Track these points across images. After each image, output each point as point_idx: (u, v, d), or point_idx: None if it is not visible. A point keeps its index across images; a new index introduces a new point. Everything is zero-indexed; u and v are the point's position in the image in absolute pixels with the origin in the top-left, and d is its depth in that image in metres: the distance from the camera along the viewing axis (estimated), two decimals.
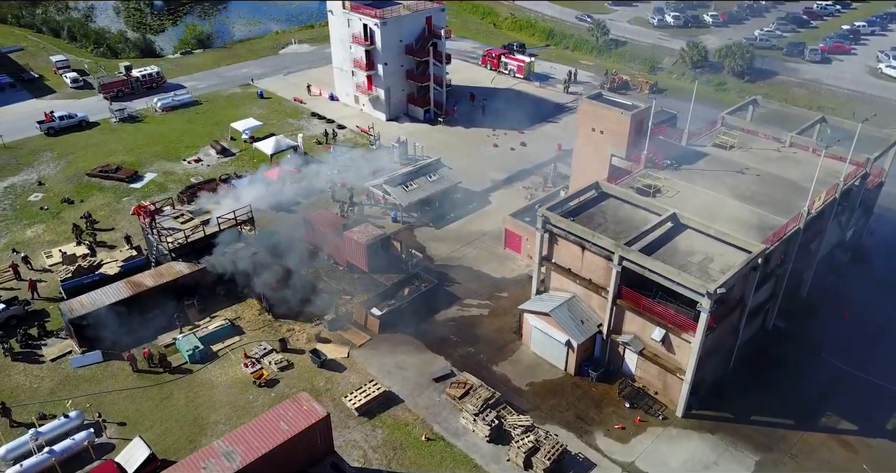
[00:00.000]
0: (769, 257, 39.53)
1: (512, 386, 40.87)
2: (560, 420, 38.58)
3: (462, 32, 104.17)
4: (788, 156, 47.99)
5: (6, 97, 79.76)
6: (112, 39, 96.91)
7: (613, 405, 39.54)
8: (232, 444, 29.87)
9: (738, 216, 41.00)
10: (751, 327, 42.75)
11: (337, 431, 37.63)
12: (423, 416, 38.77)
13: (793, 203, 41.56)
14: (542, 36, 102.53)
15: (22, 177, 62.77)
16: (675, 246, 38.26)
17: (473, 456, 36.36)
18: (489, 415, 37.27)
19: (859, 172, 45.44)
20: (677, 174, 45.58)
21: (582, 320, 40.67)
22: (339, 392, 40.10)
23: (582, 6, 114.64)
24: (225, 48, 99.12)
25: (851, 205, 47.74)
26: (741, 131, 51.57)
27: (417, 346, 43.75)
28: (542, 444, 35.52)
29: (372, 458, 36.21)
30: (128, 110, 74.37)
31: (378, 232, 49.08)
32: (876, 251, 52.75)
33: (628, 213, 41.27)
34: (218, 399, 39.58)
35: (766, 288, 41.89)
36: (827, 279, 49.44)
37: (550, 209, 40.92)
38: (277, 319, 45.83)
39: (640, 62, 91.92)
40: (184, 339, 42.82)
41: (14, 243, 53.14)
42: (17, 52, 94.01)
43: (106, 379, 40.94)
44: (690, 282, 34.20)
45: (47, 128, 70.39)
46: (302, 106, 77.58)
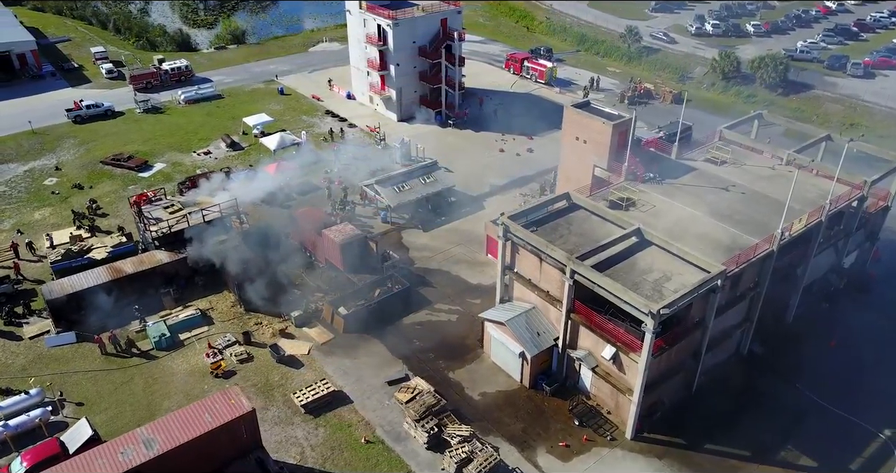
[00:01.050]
0: (737, 279, 37.91)
1: (464, 395, 40.38)
2: (505, 432, 37.89)
3: (493, 35, 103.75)
4: (783, 175, 45.80)
5: (46, 85, 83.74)
6: (152, 33, 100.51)
7: (563, 421, 38.58)
8: (154, 432, 30.54)
9: (710, 234, 39.42)
10: (720, 351, 41.04)
11: (279, 427, 38.19)
12: (369, 418, 38.74)
13: (772, 224, 39.62)
14: (574, 41, 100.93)
15: (42, 161, 65.82)
16: (633, 263, 37.05)
17: (409, 462, 36.11)
18: (430, 422, 36.93)
19: (854, 194, 42.95)
20: (658, 188, 44.18)
21: (538, 332, 39.84)
22: (292, 388, 40.49)
23: (621, 11, 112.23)
24: (258, 44, 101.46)
25: (847, 230, 45.21)
26: (740, 146, 49.60)
27: (379, 348, 43.74)
28: (476, 456, 34.98)
29: (308, 456, 36.41)
30: (151, 101, 77.04)
31: (355, 231, 49.31)
32: (880, 280, 49.71)
33: (594, 226, 40.21)
34: (174, 386, 40.55)
35: (737, 311, 40.10)
36: (819, 306, 46.95)
37: (513, 217, 40.26)
38: (248, 312, 46.62)
39: (669, 71, 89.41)
40: (154, 326, 44.07)
41: (21, 224, 55.79)
42: (65, 42, 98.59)
43: (75, 360, 42.50)
44: (635, 301, 33.05)
45: (74, 116, 73.58)
46: (318, 103, 78.73)
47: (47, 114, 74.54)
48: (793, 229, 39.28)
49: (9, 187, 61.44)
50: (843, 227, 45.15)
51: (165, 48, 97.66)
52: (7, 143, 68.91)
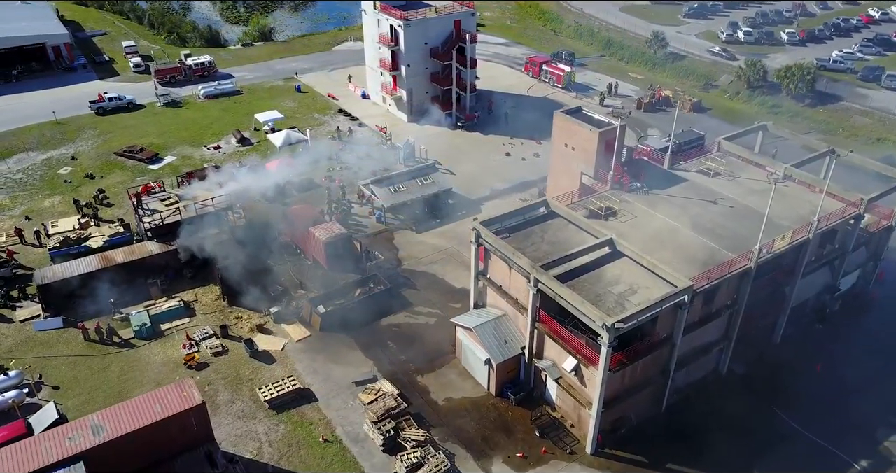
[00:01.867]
0: (711, 296, 36.75)
1: (428, 399, 40.15)
2: (464, 439, 37.52)
3: (519, 38, 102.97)
4: (777, 189, 44.03)
5: (77, 77, 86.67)
6: (183, 29, 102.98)
7: (525, 431, 38.00)
8: (103, 419, 31.26)
9: (687, 248, 38.30)
10: (695, 368, 39.84)
11: (242, 421, 38.66)
12: (331, 418, 38.87)
13: (756, 239, 38.20)
14: (600, 45, 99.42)
15: (61, 150, 68.12)
16: (601, 274, 36.24)
17: (364, 464, 36.11)
18: (387, 425, 36.83)
19: (849, 212, 41.12)
20: (642, 198, 43.15)
21: (506, 339, 39.35)
22: (261, 382, 40.91)
23: (652, 16, 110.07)
24: (285, 42, 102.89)
25: (843, 249, 43.32)
26: (738, 158, 48.09)
27: (352, 348, 43.85)
28: (428, 461, 34.73)
29: (265, 452, 36.74)
30: (171, 95, 78.93)
31: (341, 230, 49.56)
32: (882, 303, 47.54)
33: (569, 235, 39.49)
34: (147, 375, 41.44)
35: (713, 328, 38.85)
36: (811, 328, 45.15)
37: (487, 222, 39.86)
38: (231, 305, 47.34)
39: (694, 78, 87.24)
40: (136, 315, 45.12)
41: (30, 211, 57.85)
42: (101, 36, 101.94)
43: (58, 345, 43.82)
44: (591, 313, 32.32)
45: (97, 107, 75.93)
46: (333, 102, 79.44)
47: (73, 105, 77.03)
48: (775, 246, 37.82)
49: (25, 174, 63.79)
50: (839, 246, 43.28)
51: (194, 44, 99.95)
52: (31, 132, 71.52)
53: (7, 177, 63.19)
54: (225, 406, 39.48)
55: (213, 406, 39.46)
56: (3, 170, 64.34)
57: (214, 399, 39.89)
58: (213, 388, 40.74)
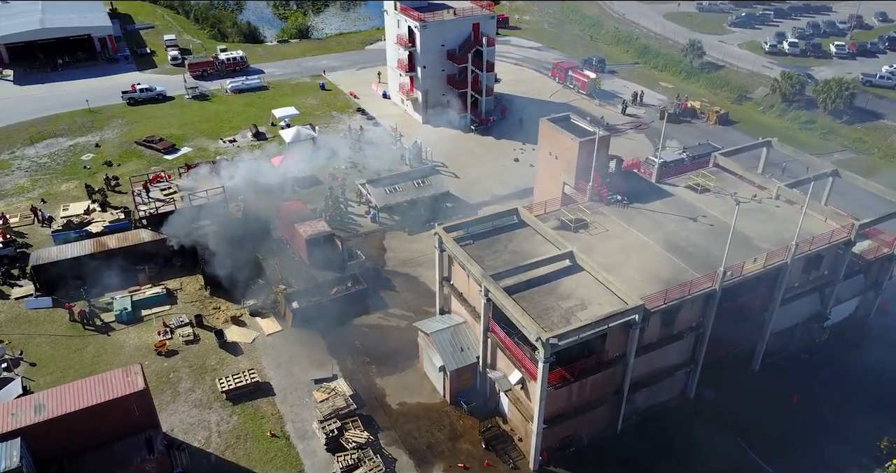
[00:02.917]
0: (672, 316, 35.37)
1: (383, 402, 40.05)
2: (409, 445, 37.25)
3: (553, 43, 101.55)
4: (766, 209, 42.17)
5: (117, 68, 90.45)
6: (225, 24, 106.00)
7: (472, 442, 37.44)
8: (47, 398, 32.44)
9: (653, 266, 36.93)
10: (658, 391, 38.42)
11: (197, 410, 39.46)
12: (284, 413, 39.25)
13: (729, 260, 36.54)
14: (636, 53, 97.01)
15: (87, 137, 71.16)
16: (555, 287, 35.33)
17: (306, 461, 36.31)
18: (331, 424, 36.91)
19: (838, 237, 38.80)
20: (619, 211, 41.87)
21: (462, 347, 38.85)
22: (224, 373, 41.66)
23: (698, 25, 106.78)
24: (320, 40, 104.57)
25: (833, 276, 40.92)
26: (732, 175, 46.12)
27: (319, 346, 44.14)
28: (363, 464, 34.64)
29: (212, 442, 37.40)
30: (200, 89, 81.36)
31: (324, 228, 49.95)
32: (879, 336, 44.65)
33: (534, 245, 38.65)
34: (118, 359, 42.76)
35: (676, 350, 37.35)
36: (797, 357, 42.83)
37: (452, 228, 39.46)
38: (213, 296, 48.39)
39: (728, 89, 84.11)
40: (120, 300, 46.66)
41: (47, 194, 60.63)
42: (149, 29, 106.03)
43: (45, 323, 45.76)
44: (529, 327, 31.55)
45: (129, 98, 79.01)
46: (353, 100, 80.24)
47: (108, 94, 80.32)
48: (745, 269, 36.03)
49: (50, 159, 66.91)
50: (829, 273, 40.91)
51: (233, 39, 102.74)
52: (64, 119, 74.99)
53: (33, 161, 66.43)
54: (184, 394, 40.40)
55: (174, 393, 40.54)
56: (31, 154, 67.68)
57: (176, 387, 40.90)
58: (178, 376, 41.75)
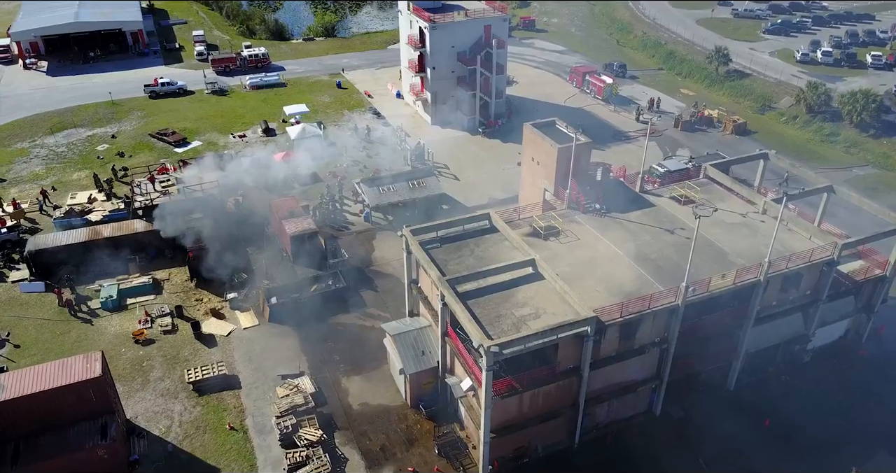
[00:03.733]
0: (631, 330, 34.48)
1: (345, 401, 40.14)
2: (363, 446, 37.25)
3: (578, 47, 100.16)
4: (750, 224, 40.72)
5: (145, 61, 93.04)
6: (253, 21, 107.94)
7: (426, 447, 37.21)
8: (7, 379, 33.53)
9: (617, 277, 36.07)
10: (621, 406, 37.51)
11: (163, 399, 40.25)
12: (246, 406, 39.72)
13: (699, 275, 35.47)
14: (661, 59, 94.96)
15: (105, 128, 73.38)
16: (513, 294, 34.80)
17: (259, 456, 36.66)
18: (287, 421, 37.16)
19: (819, 256, 37.18)
20: (595, 220, 41.04)
21: (424, 351, 38.62)
22: (196, 364, 42.38)
23: (731, 32, 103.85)
24: (345, 39, 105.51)
25: (816, 296, 39.24)
26: (721, 187, 44.71)
27: (292, 342, 44.52)
28: (311, 462, 34.77)
29: (172, 431, 38.08)
30: (219, 84, 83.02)
31: (309, 225, 50.28)
32: (870, 362, 42.62)
33: (501, 251, 38.17)
34: (97, 345, 43.78)
35: (639, 365, 36.34)
36: (776, 378, 41.22)
37: (420, 231, 39.27)
38: (197, 288, 49.30)
39: (751, 99, 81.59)
40: (107, 288, 47.95)
41: (59, 183, 62.75)
42: (182, 25, 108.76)
43: (35, 307, 47.35)
44: (473, 333, 31.16)
45: (150, 91, 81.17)
46: (366, 100, 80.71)
47: (133, 87, 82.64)
48: (712, 285, 34.85)
49: (67, 148, 69.23)
50: (811, 293, 39.23)
51: (260, 36, 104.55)
52: (87, 110, 77.49)
53: (51, 150, 68.83)
54: (154, 383, 41.26)
55: (144, 381, 41.45)
56: (50, 143, 70.16)
57: (147, 375, 41.81)
58: (150, 364, 42.66)
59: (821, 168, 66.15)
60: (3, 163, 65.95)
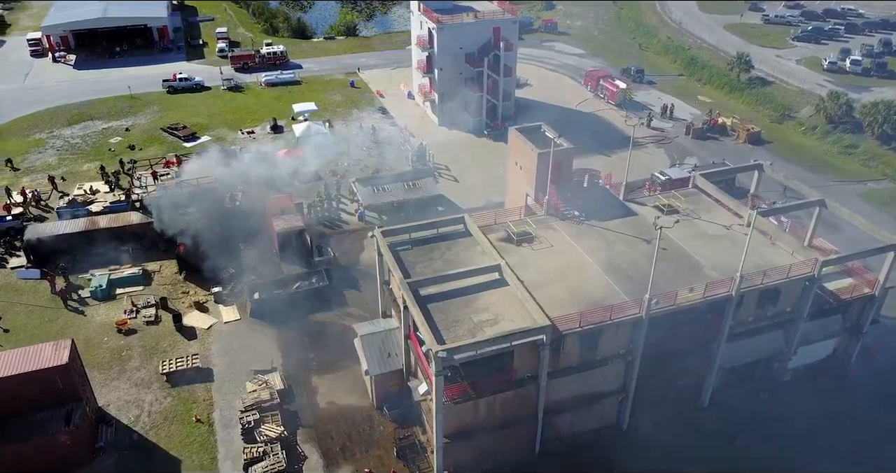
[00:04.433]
0: (593, 341, 33.85)
1: (312, 400, 40.31)
2: (324, 445, 37.37)
3: (599, 50, 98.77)
4: (732, 237, 39.56)
5: (168, 57, 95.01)
6: (277, 20, 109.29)
7: (385, 449, 37.12)
8: None
9: (584, 286, 35.46)
10: (587, 417, 36.85)
11: (136, 388, 41.03)
12: (216, 400, 40.20)
13: (668, 287, 34.65)
14: (682, 64, 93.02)
15: (121, 121, 75.20)
16: (475, 299, 34.49)
17: (221, 449, 37.08)
18: (250, 416, 37.49)
19: (798, 272, 35.90)
20: (572, 227, 40.41)
21: (390, 353, 38.54)
22: (172, 356, 43.06)
23: (759, 38, 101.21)
24: (366, 38, 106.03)
25: (797, 313, 37.90)
26: (710, 197, 43.56)
27: (270, 338, 44.88)
28: (267, 457, 35.01)
29: (141, 420, 38.77)
30: (235, 80, 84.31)
31: (297, 223, 50.66)
32: (856, 383, 40.96)
33: (472, 255, 37.89)
34: (81, 332, 44.94)
35: (602, 377, 35.60)
36: (754, 396, 39.96)
37: (392, 232, 39.21)
38: (186, 280, 50.12)
39: (770, 107, 79.33)
40: (98, 277, 49.10)
41: (70, 173, 64.49)
42: (209, 21, 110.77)
43: (28, 293, 48.74)
44: (425, 337, 30.95)
45: (168, 86, 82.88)
46: (377, 99, 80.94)
47: (151, 81, 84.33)
48: (679, 298, 33.95)
49: (82, 140, 71.13)
50: (791, 310, 37.89)
51: (283, 34, 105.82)
52: (106, 103, 79.50)
53: (66, 141, 70.82)
54: (130, 372, 42.07)
55: (121, 370, 42.30)
56: (66, 135, 72.19)
57: (125, 365, 42.66)
58: (129, 354, 43.51)
59: (834, 181, 64.19)
60: (19, 153, 68.09)
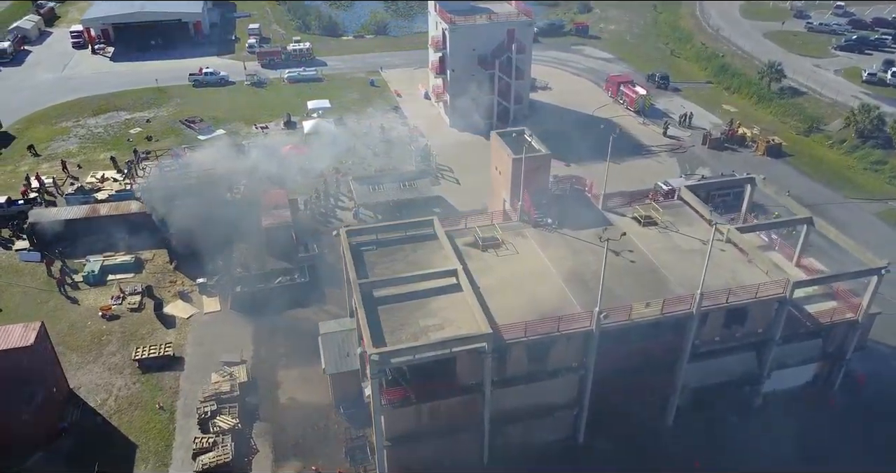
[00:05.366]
0: (544, 352, 33.17)
1: (274, 394, 40.66)
2: (277, 439, 37.67)
3: (628, 55, 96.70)
4: (706, 252, 37.94)
5: (200, 51, 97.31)
6: (310, 17, 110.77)
7: (336, 448, 37.10)
8: None
9: (539, 296, 34.80)
10: (539, 429, 36.15)
11: (109, 373, 42.21)
12: (182, 388, 40.98)
13: (629, 301, 33.68)
14: (713, 72, 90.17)
15: (143, 113, 77.49)
16: (426, 303, 34.21)
17: (178, 437, 37.78)
18: (208, 407, 38.06)
19: (766, 293, 34.31)
20: (542, 235, 39.66)
21: (349, 353, 38.55)
22: (148, 343, 44.09)
23: (799, 47, 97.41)
24: (395, 38, 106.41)
25: (768, 336, 36.24)
26: (692, 210, 42.10)
27: (246, 331, 45.48)
28: (217, 448, 35.48)
29: (107, 404, 39.84)
30: (258, 76, 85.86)
31: (285, 219, 51.20)
32: (836, 413, 38.83)
33: (436, 259, 37.54)
34: (68, 316, 46.53)
35: (555, 389, 34.80)
36: (724, 419, 38.38)
37: (358, 232, 39.24)
38: (176, 269, 51.29)
39: (799, 119, 76.18)
40: (92, 262, 50.71)
41: (87, 161, 66.84)
42: (246, 17, 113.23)
43: (27, 275, 50.69)
44: (366, 339, 30.82)
45: (194, 80, 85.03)
46: (393, 99, 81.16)
47: (179, 75, 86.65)
48: (633, 313, 32.87)
49: (104, 130, 73.63)
50: (763, 331, 36.24)
51: (314, 31, 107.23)
52: (133, 95, 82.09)
53: (89, 130, 73.42)
54: (106, 357, 43.27)
55: (98, 354, 43.55)
56: (91, 124, 74.86)
57: (102, 349, 43.90)
58: (109, 339, 44.76)
59: (852, 198, 61.23)
60: (44, 140, 70.92)
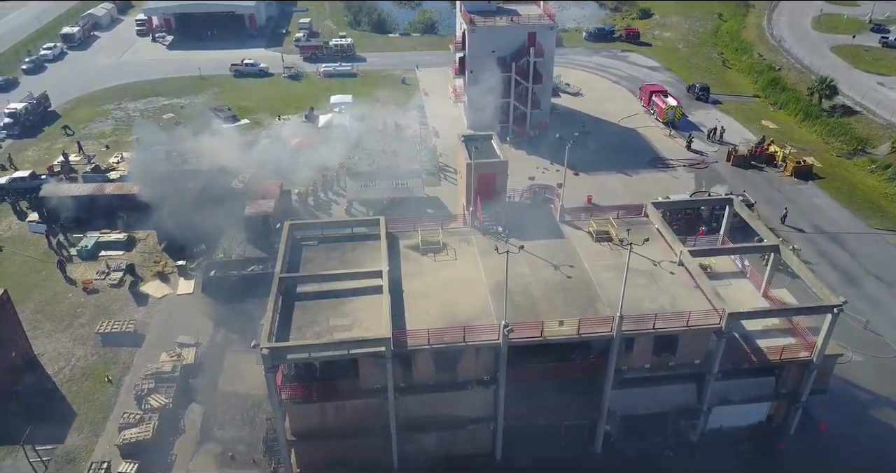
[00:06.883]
0: (451, 362, 32.45)
1: (216, 380, 41.51)
2: (205, 424, 38.54)
3: (675, 64, 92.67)
4: (655, 273, 36.09)
5: (250, 43, 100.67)
6: (362, 13, 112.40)
7: (258, 437, 37.55)
8: None
9: (459, 303, 33.98)
10: (458, 440, 35.46)
11: (72, 343, 44.48)
12: (135, 363, 42.53)
13: (552, 316, 32.50)
14: (763, 85, 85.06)
15: (180, 100, 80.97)
16: (344, 303, 34.19)
17: (114, 410, 39.11)
18: (146, 384, 39.36)
19: (698, 321, 32.10)
20: (484, 242, 38.69)
21: None
22: (117, 318, 46.01)
23: (868, 63, 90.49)
24: (441, 36, 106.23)
25: (705, 368, 33.89)
26: (656, 229, 39.96)
27: (210, 315, 46.67)
28: (141, 424, 36.65)
29: (63, 372, 41.92)
30: (295, 69, 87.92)
31: (266, 208, 52.14)
32: (788, 461, 35.86)
33: (372, 259, 37.29)
34: (52, 286, 49.28)
35: (468, 402, 33.90)
36: (659, 452, 36.22)
37: (302, 227, 39.54)
38: (164, 251, 53.33)
39: (844, 140, 70.83)
40: (87, 238, 53.48)
41: (115, 143, 70.55)
42: (303, 12, 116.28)
43: (30, 246, 54.04)
44: (263, 333, 31.03)
45: (235, 70, 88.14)
46: (420, 97, 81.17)
47: (222, 65, 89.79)
48: (545, 330, 31.50)
49: (140, 114, 77.45)
50: (701, 363, 33.90)
51: (363, 28, 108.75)
52: (177, 82, 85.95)
53: (126, 113, 77.45)
54: (76, 328, 45.50)
55: (69, 325, 45.88)
56: (130, 108, 78.94)
57: (74, 320, 46.19)
58: (83, 311, 47.04)
59: (878, 229, 56.36)
60: (83, 121, 75.40)
